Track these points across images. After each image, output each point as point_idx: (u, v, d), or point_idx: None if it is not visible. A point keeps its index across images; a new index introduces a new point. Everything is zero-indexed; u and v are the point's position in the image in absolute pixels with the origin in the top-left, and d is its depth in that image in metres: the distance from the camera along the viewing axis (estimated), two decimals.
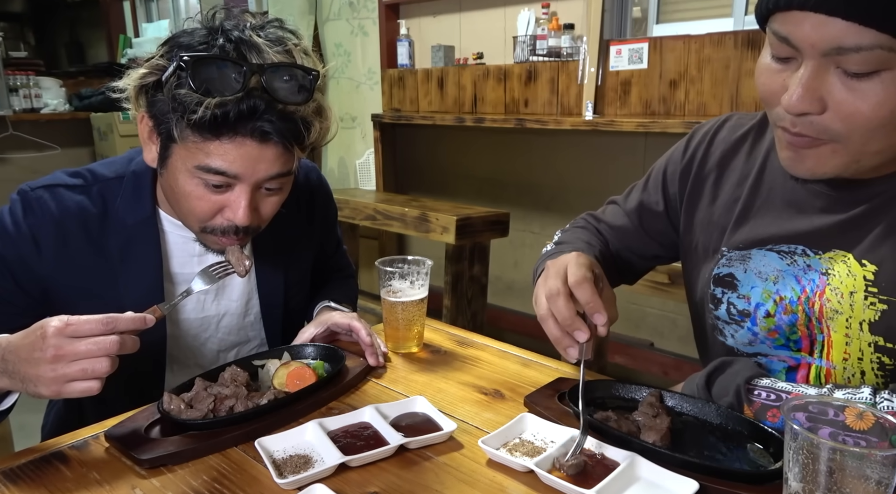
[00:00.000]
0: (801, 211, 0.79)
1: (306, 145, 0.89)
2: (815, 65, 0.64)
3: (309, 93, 0.85)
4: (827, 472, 0.53)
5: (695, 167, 0.93)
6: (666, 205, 0.98)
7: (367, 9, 3.57)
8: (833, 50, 0.62)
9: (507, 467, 0.72)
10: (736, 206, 0.87)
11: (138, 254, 0.97)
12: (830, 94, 0.65)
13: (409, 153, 3.57)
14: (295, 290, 1.14)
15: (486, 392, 0.92)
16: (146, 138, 0.91)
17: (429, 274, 1.07)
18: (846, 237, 0.76)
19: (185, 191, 0.89)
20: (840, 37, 0.61)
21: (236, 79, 0.81)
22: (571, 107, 2.74)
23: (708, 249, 0.91)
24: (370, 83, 3.67)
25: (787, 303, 0.80)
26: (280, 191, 0.93)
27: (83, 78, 4.74)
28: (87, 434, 0.80)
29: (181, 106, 0.81)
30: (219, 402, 0.81)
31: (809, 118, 0.67)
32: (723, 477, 0.66)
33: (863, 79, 0.62)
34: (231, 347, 1.11)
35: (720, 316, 0.88)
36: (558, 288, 0.76)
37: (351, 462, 0.71)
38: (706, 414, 0.79)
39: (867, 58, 0.61)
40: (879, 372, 0.75)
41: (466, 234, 2.51)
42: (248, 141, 0.83)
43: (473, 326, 2.62)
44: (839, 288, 0.76)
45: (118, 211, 0.96)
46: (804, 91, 0.65)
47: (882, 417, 0.57)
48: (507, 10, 3.00)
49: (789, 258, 0.80)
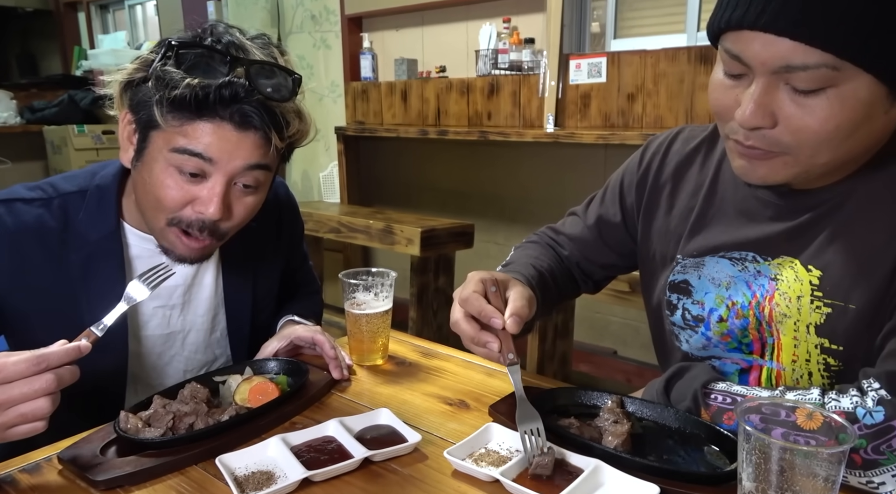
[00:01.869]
0: (751, 219, 0.82)
1: (285, 137, 0.88)
2: (766, 81, 0.67)
3: (290, 93, 0.86)
4: (778, 471, 0.55)
5: (650, 178, 0.96)
6: (623, 215, 1.01)
7: (330, 22, 3.57)
8: (782, 68, 0.65)
9: (472, 477, 0.72)
10: (690, 216, 0.90)
11: (101, 270, 0.94)
12: (781, 110, 0.68)
13: (373, 165, 3.57)
14: (262, 306, 1.12)
15: (451, 402, 0.92)
16: (125, 139, 0.90)
17: (393, 286, 1.07)
18: (793, 244, 0.79)
19: (159, 181, 0.86)
20: (788, 56, 0.64)
21: (221, 68, 0.82)
22: (533, 120, 2.78)
23: (664, 257, 0.93)
24: (333, 96, 3.67)
25: (738, 308, 0.83)
26: (255, 192, 0.91)
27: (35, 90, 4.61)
28: (38, 456, 0.77)
29: (165, 84, 0.81)
30: (178, 420, 0.79)
31: (762, 132, 0.70)
32: (681, 480, 0.68)
33: (810, 95, 0.66)
34: (198, 367, 1.08)
35: (676, 321, 0.90)
36: (454, 316, 0.81)
37: (314, 476, 0.71)
38: (665, 419, 0.81)
39: (813, 76, 0.64)
40: (825, 372, 0.78)
41: (431, 246, 2.51)
42: (228, 125, 0.83)
43: (439, 338, 2.62)
44: (787, 292, 0.79)
45: (80, 225, 0.93)
46: (756, 106, 0.68)
47: (829, 416, 0.59)
48: (468, 25, 3.04)
49: (740, 264, 0.83)
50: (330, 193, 3.59)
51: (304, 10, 3.69)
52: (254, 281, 1.09)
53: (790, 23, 0.62)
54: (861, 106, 0.65)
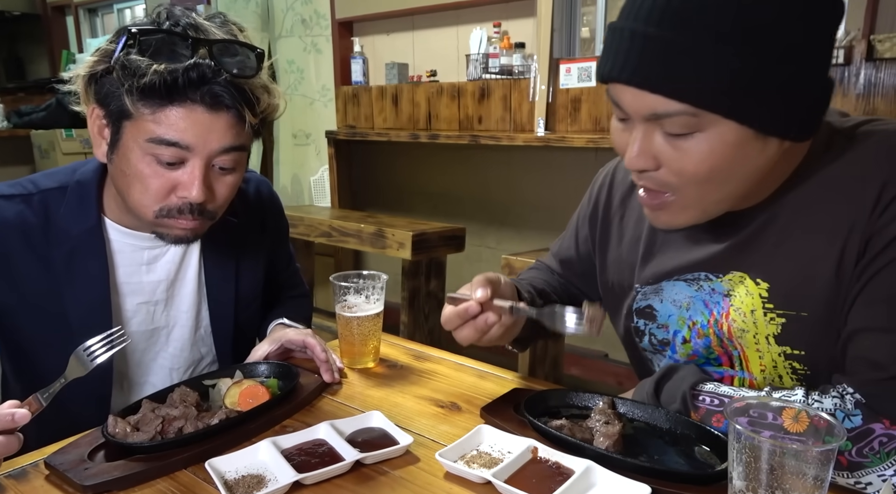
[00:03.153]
0: (697, 242, 0.84)
1: (257, 113, 0.88)
2: (644, 127, 0.70)
3: (255, 68, 0.86)
4: (768, 470, 0.56)
5: (601, 210, 0.99)
6: (578, 250, 1.04)
7: (321, 26, 3.57)
8: (651, 115, 0.68)
9: (464, 479, 0.72)
10: (640, 244, 0.91)
11: (84, 265, 0.93)
12: (661, 153, 0.70)
13: (364, 169, 3.57)
14: (245, 304, 1.11)
15: (443, 405, 0.92)
16: (97, 133, 0.89)
17: (384, 289, 1.06)
18: (739, 258, 0.80)
19: (138, 171, 0.86)
20: (652, 105, 0.67)
21: (184, 51, 0.82)
22: (524, 124, 2.79)
23: (622, 287, 0.95)
24: (324, 100, 3.66)
25: (699, 328, 0.84)
26: (233, 172, 0.91)
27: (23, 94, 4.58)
28: (25, 461, 0.76)
29: (131, 73, 0.80)
30: (167, 424, 0.78)
31: (649, 174, 0.73)
32: (672, 480, 0.68)
33: (683, 138, 0.68)
34: (184, 365, 1.07)
35: (645, 347, 0.92)
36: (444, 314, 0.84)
37: (305, 479, 0.70)
38: (656, 419, 0.81)
39: (678, 121, 0.67)
40: (794, 376, 0.79)
41: (423, 250, 2.51)
42: (199, 108, 0.83)
43: (431, 341, 2.62)
44: (741, 308, 0.80)
45: (61, 220, 0.92)
46: (638, 150, 0.71)
47: (815, 416, 0.59)
48: (459, 29, 3.05)
49: (696, 284, 0.84)
50: (321, 197, 3.58)
51: (294, 14, 3.69)
52: (236, 277, 1.09)
53: (645, 78, 0.66)
54: (730, 148, 0.67)
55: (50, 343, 0.94)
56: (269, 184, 1.19)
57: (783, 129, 0.68)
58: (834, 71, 1.98)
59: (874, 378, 0.69)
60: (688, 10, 0.63)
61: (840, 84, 2.00)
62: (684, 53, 0.63)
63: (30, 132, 4.13)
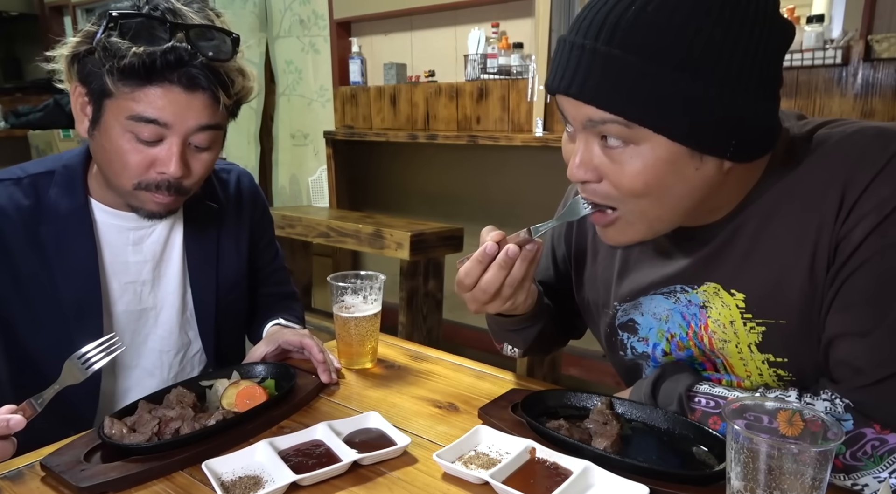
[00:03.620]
0: (669, 256, 0.84)
1: (232, 95, 0.93)
2: (585, 137, 0.71)
3: (231, 52, 0.91)
4: (766, 470, 0.56)
5: (574, 228, 0.99)
6: (558, 268, 1.03)
7: (319, 26, 3.57)
8: (588, 122, 0.69)
9: (462, 480, 0.72)
10: (615, 262, 0.91)
11: (73, 243, 0.97)
12: (601, 165, 0.71)
13: (362, 170, 3.56)
14: (226, 288, 1.13)
15: (441, 405, 0.92)
16: (79, 110, 0.94)
17: (382, 289, 1.06)
18: (711, 270, 0.79)
19: (118, 147, 0.90)
20: (588, 113, 0.69)
21: (163, 34, 0.86)
22: (522, 124, 2.79)
23: (598, 304, 0.94)
24: (322, 100, 3.66)
25: (678, 340, 0.84)
26: (209, 150, 0.95)
27: (20, 94, 4.56)
28: (21, 463, 0.76)
29: (112, 55, 0.85)
30: (163, 425, 0.78)
31: (591, 186, 0.73)
32: (670, 480, 0.68)
33: (618, 150, 0.69)
34: (174, 349, 1.09)
35: (628, 357, 0.91)
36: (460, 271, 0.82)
37: (302, 480, 0.70)
38: (654, 420, 0.81)
39: (613, 130, 0.68)
40: (779, 383, 0.78)
41: (421, 250, 2.51)
42: (176, 88, 0.87)
43: (429, 342, 2.62)
44: (719, 319, 0.79)
45: (51, 201, 0.97)
46: (580, 161, 0.72)
47: (809, 418, 0.59)
48: (457, 29, 3.05)
49: (673, 297, 0.84)
50: (319, 198, 3.57)
51: (292, 14, 3.68)
52: (217, 261, 1.11)
53: (581, 89, 0.68)
54: (663, 164, 0.68)
55: (42, 321, 0.97)
56: (250, 177, 1.22)
57: (718, 150, 0.67)
58: (832, 71, 1.98)
59: (858, 384, 0.69)
60: (623, 27, 0.64)
61: (838, 84, 2.01)
62: (616, 68, 0.65)
63: (27, 132, 4.12)
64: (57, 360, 0.75)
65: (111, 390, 1.04)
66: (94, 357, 0.79)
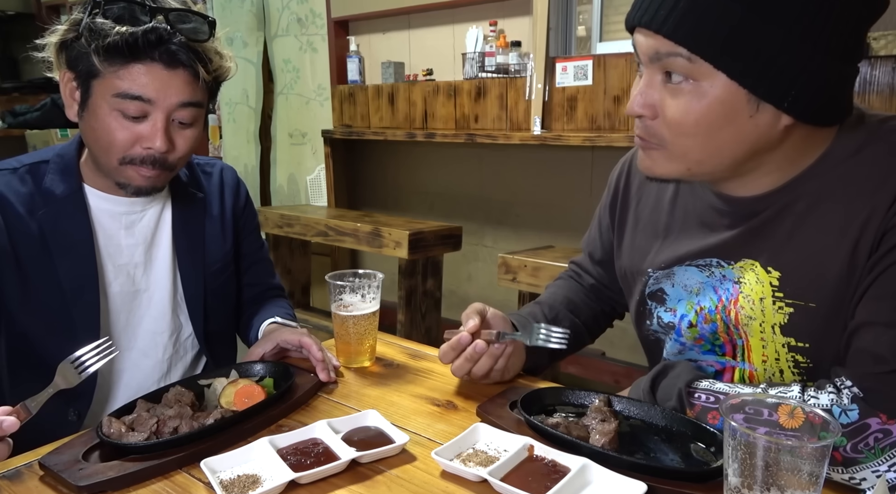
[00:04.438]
0: (711, 229, 0.85)
1: (211, 71, 0.98)
2: (649, 73, 0.74)
3: (208, 34, 0.97)
4: (763, 466, 0.56)
5: (619, 198, 1.00)
6: (602, 239, 1.06)
7: (316, 25, 3.56)
8: (654, 55, 0.72)
9: (460, 477, 0.72)
10: (655, 229, 0.93)
11: (69, 226, 1.01)
12: (659, 102, 0.74)
13: (360, 169, 3.56)
14: (213, 273, 1.16)
15: (439, 403, 0.92)
16: (68, 96, 0.98)
17: (380, 288, 1.06)
18: (751, 246, 0.80)
19: (105, 125, 0.95)
20: (655, 45, 0.72)
21: (143, 17, 0.92)
22: (520, 123, 2.79)
23: (634, 272, 0.96)
24: (320, 99, 3.65)
25: (706, 313, 0.85)
26: (191, 127, 1.00)
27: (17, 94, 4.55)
28: (19, 462, 0.76)
29: (97, 35, 0.90)
30: (162, 424, 0.78)
31: (645, 122, 0.76)
32: (668, 477, 0.68)
33: (678, 86, 0.72)
34: (167, 331, 1.11)
35: (655, 329, 0.93)
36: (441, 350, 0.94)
37: (301, 479, 0.70)
38: (652, 417, 0.81)
39: (675, 63, 0.71)
40: (795, 370, 0.79)
41: (419, 249, 2.51)
42: (158, 65, 0.93)
43: (428, 341, 2.62)
44: (750, 295, 0.80)
45: (47, 186, 1.01)
46: (639, 96, 0.75)
47: (811, 412, 0.59)
48: (455, 28, 3.05)
49: (707, 270, 0.85)
50: (317, 197, 3.57)
51: (290, 13, 3.68)
52: (203, 244, 1.15)
53: (652, 18, 0.71)
54: (718, 104, 0.70)
55: (41, 302, 0.99)
56: (233, 170, 1.26)
57: (775, 97, 0.69)
58: None
59: (875, 371, 0.69)
60: None
61: None
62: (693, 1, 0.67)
63: (24, 132, 4.11)
64: (54, 339, 0.77)
65: (108, 370, 1.07)
66: (88, 360, 0.79)
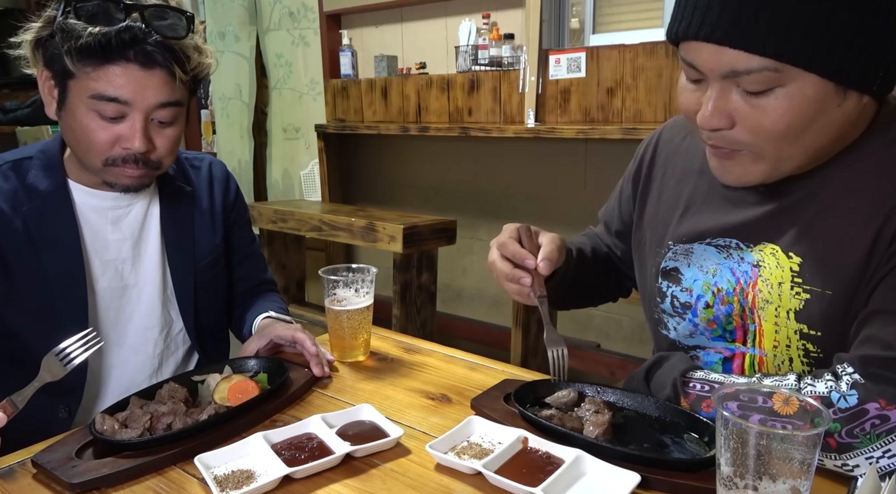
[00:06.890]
0: (736, 205, 0.84)
1: (188, 71, 0.96)
2: (719, 86, 0.70)
3: (186, 30, 0.94)
4: (755, 456, 0.56)
5: (644, 168, 1.00)
6: (621, 209, 1.06)
7: (308, 19, 3.54)
8: (729, 73, 0.69)
9: (455, 470, 0.72)
10: (679, 202, 0.92)
11: (55, 221, 1.00)
12: (737, 111, 0.71)
13: (354, 163, 3.55)
14: (203, 267, 1.14)
15: (434, 397, 0.92)
16: (46, 93, 0.97)
17: (374, 282, 1.06)
18: (773, 230, 0.80)
19: (83, 125, 0.93)
20: (732, 62, 0.67)
21: (118, 15, 0.90)
22: (514, 116, 2.79)
23: (653, 243, 0.95)
24: (313, 93, 3.63)
25: (723, 294, 0.85)
26: (172, 126, 0.98)
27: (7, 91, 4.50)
28: (12, 460, 0.76)
29: (69, 36, 0.88)
30: (155, 420, 0.78)
31: (722, 133, 0.73)
32: (662, 467, 0.69)
33: (760, 96, 0.69)
34: (158, 326, 1.10)
35: (665, 309, 0.92)
36: (491, 257, 0.91)
37: (295, 473, 0.70)
38: (645, 408, 0.82)
39: (758, 78, 0.67)
40: (805, 358, 0.79)
41: (414, 243, 2.51)
42: (133, 66, 0.91)
43: (423, 334, 2.62)
44: (769, 278, 0.80)
45: (30, 182, 1.00)
46: (713, 109, 0.71)
47: (805, 401, 0.60)
48: (448, 21, 3.03)
49: (725, 252, 0.85)
50: (311, 191, 3.56)
51: (281, 6, 3.65)
52: (192, 239, 1.13)
53: (727, 33, 0.66)
54: (809, 102, 0.68)
55: (29, 298, 0.99)
56: (223, 165, 1.24)
57: (865, 83, 0.68)
58: None
59: (879, 356, 0.69)
60: None
61: None
62: (766, 7, 0.64)
63: (15, 128, 4.08)
64: (42, 336, 0.76)
65: (98, 366, 1.06)
66: (73, 352, 0.79)
